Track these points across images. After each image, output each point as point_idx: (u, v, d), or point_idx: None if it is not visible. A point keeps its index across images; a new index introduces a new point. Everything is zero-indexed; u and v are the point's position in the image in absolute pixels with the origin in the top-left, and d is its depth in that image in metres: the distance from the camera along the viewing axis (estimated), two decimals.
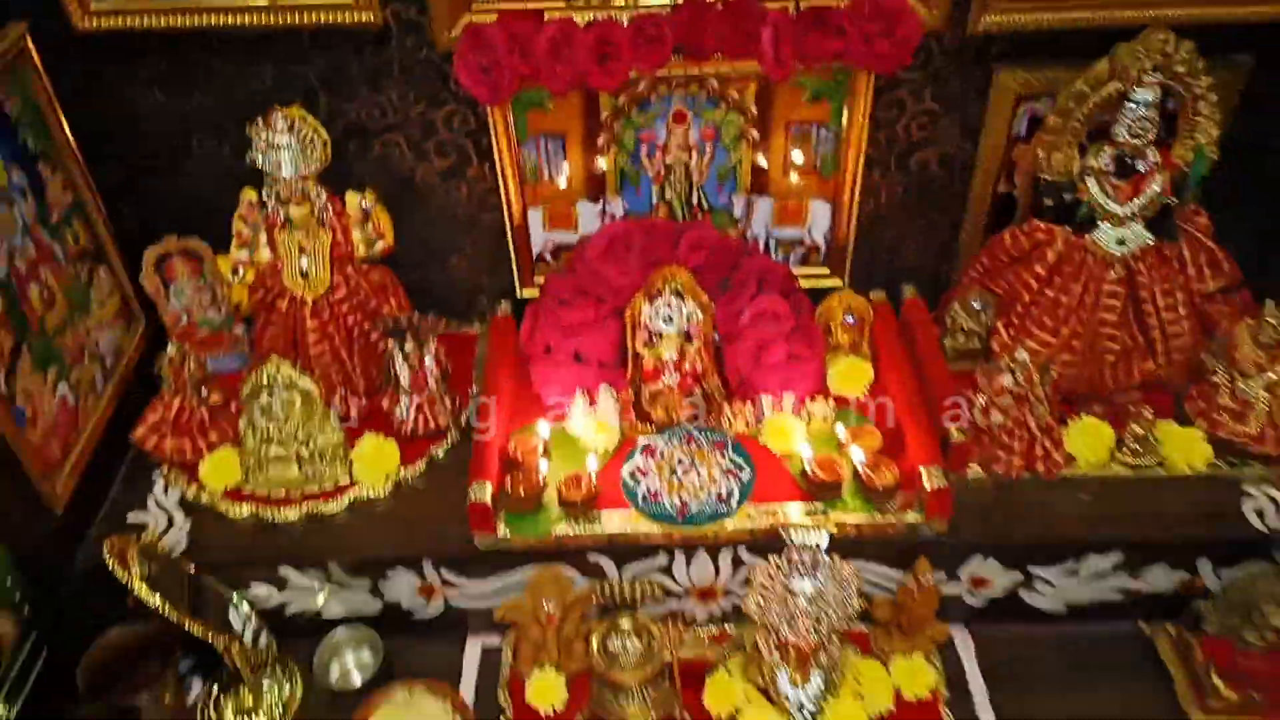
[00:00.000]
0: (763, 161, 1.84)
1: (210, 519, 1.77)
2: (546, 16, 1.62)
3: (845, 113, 1.76)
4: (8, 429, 1.50)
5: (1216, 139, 1.65)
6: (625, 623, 1.61)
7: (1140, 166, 1.67)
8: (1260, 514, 1.68)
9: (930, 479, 1.62)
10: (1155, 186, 1.68)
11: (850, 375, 1.85)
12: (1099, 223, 1.71)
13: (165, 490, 1.81)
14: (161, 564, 1.63)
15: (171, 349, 1.81)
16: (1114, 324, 1.73)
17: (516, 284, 1.97)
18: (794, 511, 1.66)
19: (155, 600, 1.52)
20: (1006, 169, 1.83)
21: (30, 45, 1.60)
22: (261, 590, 1.75)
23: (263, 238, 1.78)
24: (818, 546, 1.47)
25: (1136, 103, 1.60)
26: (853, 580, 1.53)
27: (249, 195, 1.76)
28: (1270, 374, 1.67)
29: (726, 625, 1.80)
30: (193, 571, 1.68)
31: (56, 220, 1.67)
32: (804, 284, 1.91)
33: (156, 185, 1.85)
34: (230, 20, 1.66)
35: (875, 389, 1.86)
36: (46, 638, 1.63)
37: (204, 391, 1.84)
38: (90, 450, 1.75)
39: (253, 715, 1.75)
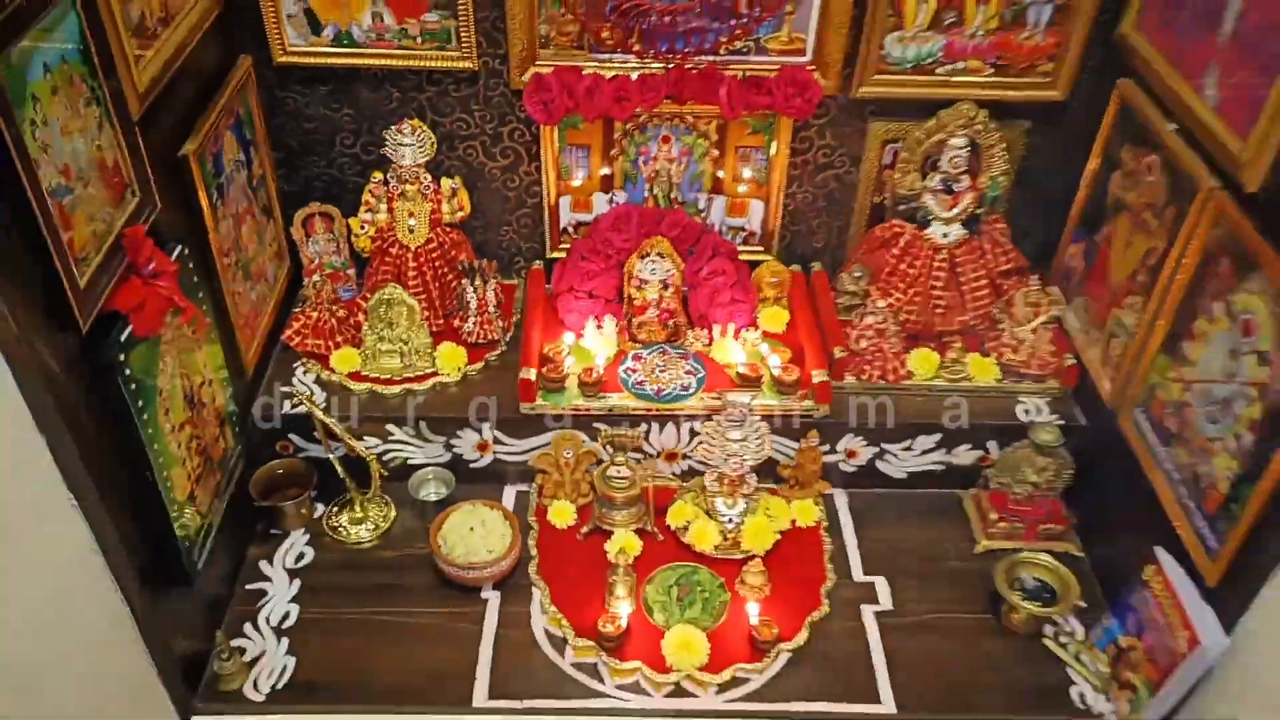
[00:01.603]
0: (720, 173, 2.74)
1: (338, 392, 2.60)
2: (585, 70, 2.51)
3: (774, 143, 2.67)
4: (232, 314, 2.34)
5: (1005, 172, 2.59)
6: (619, 459, 2.48)
7: (957, 187, 2.58)
8: (1026, 412, 2.59)
9: (818, 378, 2.52)
10: (967, 200, 2.60)
11: (773, 317, 2.74)
12: (932, 223, 2.64)
13: (304, 373, 2.65)
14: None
15: (317, 278, 2.67)
16: (940, 288, 2.63)
17: (548, 247, 2.85)
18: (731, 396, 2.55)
19: (332, 424, 2.35)
20: (878, 186, 2.76)
21: (251, 71, 2.46)
22: (371, 440, 2.58)
23: (383, 205, 2.62)
24: (745, 405, 2.36)
25: (953, 147, 2.54)
26: (765, 432, 2.42)
27: (377, 175, 2.61)
28: (1034, 323, 2.59)
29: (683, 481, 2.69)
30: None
31: (255, 185, 2.52)
32: (744, 256, 2.79)
33: (311, 166, 2.68)
34: (373, 62, 2.51)
35: (789, 326, 2.75)
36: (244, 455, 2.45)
37: (335, 309, 2.69)
38: (261, 342, 2.59)
39: (362, 523, 2.59)
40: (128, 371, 1.75)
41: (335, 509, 2.58)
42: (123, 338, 1.74)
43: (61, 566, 1.71)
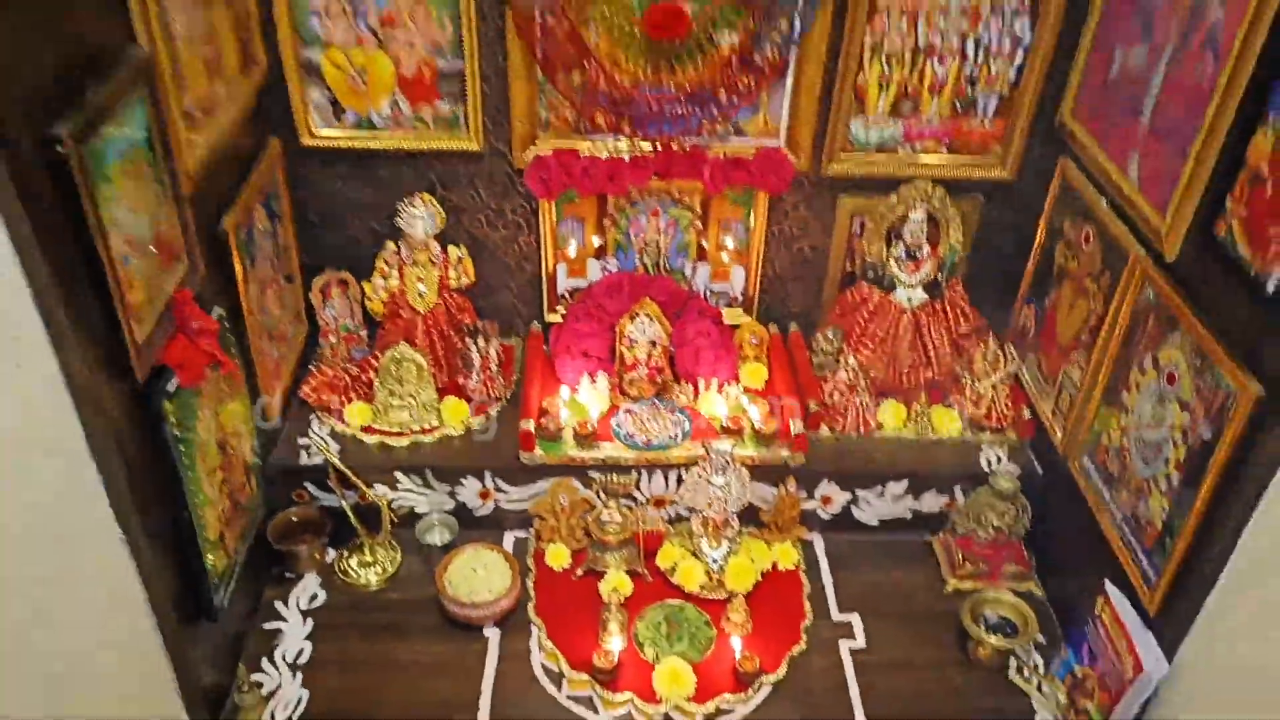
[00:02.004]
0: (704, 242, 3.00)
1: (350, 444, 2.80)
2: (581, 151, 2.77)
3: (753, 216, 2.93)
4: (258, 370, 2.55)
5: (961, 242, 2.86)
6: (611, 504, 2.67)
7: (919, 255, 2.85)
8: (987, 461, 2.80)
9: (795, 428, 2.74)
10: (928, 267, 2.86)
11: (753, 374, 2.96)
12: (897, 287, 2.89)
13: (320, 425, 2.85)
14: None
15: (333, 339, 2.89)
16: (906, 348, 2.88)
17: (545, 311, 3.08)
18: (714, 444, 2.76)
19: (346, 471, 2.55)
20: (848, 254, 3.02)
21: (281, 152, 2.72)
22: (380, 489, 2.77)
23: (395, 272, 2.86)
24: (727, 453, 2.57)
25: (913, 219, 2.80)
26: (746, 478, 2.62)
27: (390, 245, 2.85)
28: (991, 379, 2.83)
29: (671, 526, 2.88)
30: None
31: (280, 253, 2.75)
32: (727, 318, 3.04)
33: (330, 236, 2.93)
34: (389, 145, 2.77)
35: (768, 383, 2.98)
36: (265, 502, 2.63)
37: (348, 367, 2.91)
38: (282, 398, 2.79)
39: (372, 566, 2.76)
40: (173, 418, 1.96)
41: (346, 553, 2.76)
42: (170, 388, 1.94)
43: (106, 597, 1.89)
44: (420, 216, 2.76)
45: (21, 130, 1.52)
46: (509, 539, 2.83)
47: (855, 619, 2.65)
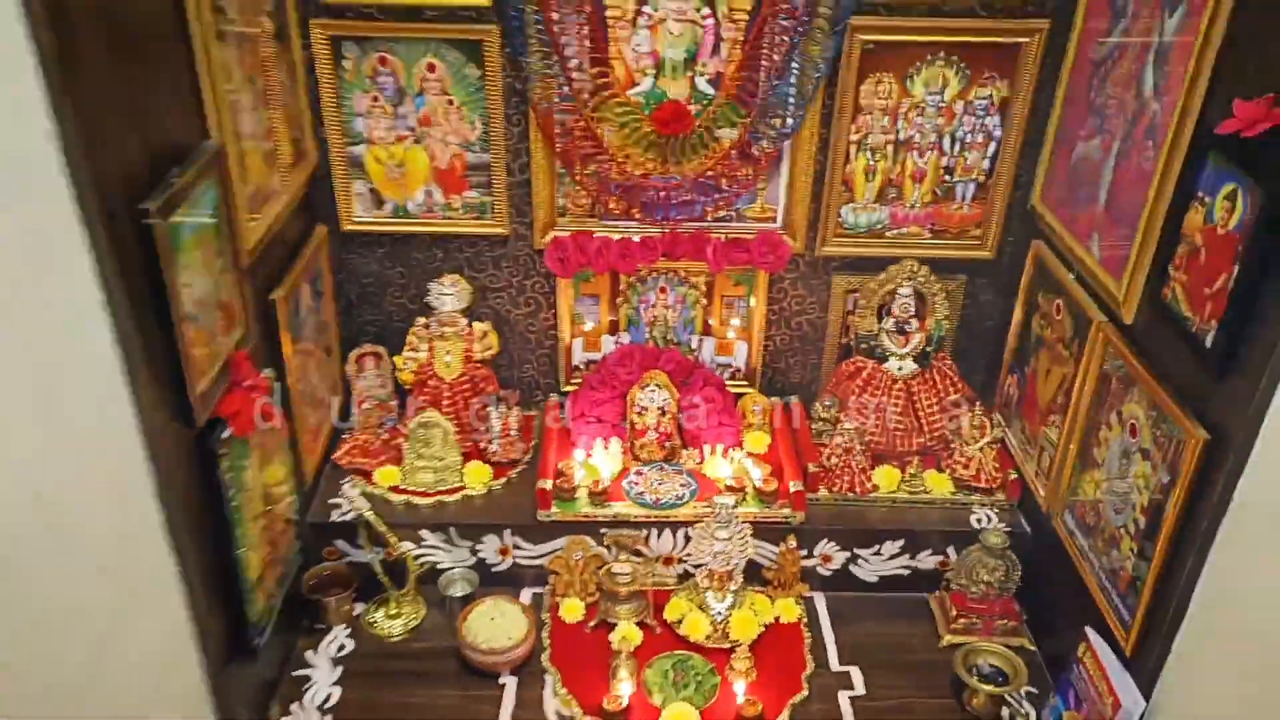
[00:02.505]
0: (709, 319, 3.25)
1: (380, 503, 3.00)
2: (595, 234, 3.06)
3: (753, 294, 3.19)
4: (300, 433, 2.78)
5: (947, 316, 3.09)
6: (622, 558, 2.85)
7: (908, 329, 3.08)
8: (978, 521, 2.96)
9: (794, 487, 2.92)
10: (917, 340, 3.08)
11: (756, 440, 3.16)
12: (889, 359, 3.11)
13: (351, 486, 3.06)
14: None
15: (366, 406, 3.13)
16: (898, 414, 3.09)
17: (562, 381, 3.32)
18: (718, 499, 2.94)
19: (380, 526, 2.75)
20: (843, 329, 3.25)
21: (325, 236, 3.02)
22: (406, 545, 2.96)
23: (424, 345, 3.12)
24: (730, 507, 2.75)
25: (901, 296, 3.04)
26: (748, 532, 2.79)
27: (421, 320, 3.12)
28: (979, 443, 3.01)
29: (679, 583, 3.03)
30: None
31: (321, 328, 3.02)
32: (731, 389, 3.27)
33: (366, 313, 3.21)
34: (422, 230, 3.07)
35: (770, 448, 3.17)
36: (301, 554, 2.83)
37: (379, 433, 3.14)
38: (318, 461, 3.02)
39: (397, 619, 2.92)
40: (225, 464, 2.18)
41: (373, 606, 2.93)
42: (224, 435, 2.17)
43: (159, 632, 2.08)
44: (449, 294, 3.03)
45: (119, 205, 1.79)
46: (526, 595, 2.99)
47: (854, 670, 2.78)
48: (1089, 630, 2.44)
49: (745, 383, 3.31)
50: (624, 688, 2.61)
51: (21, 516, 1.59)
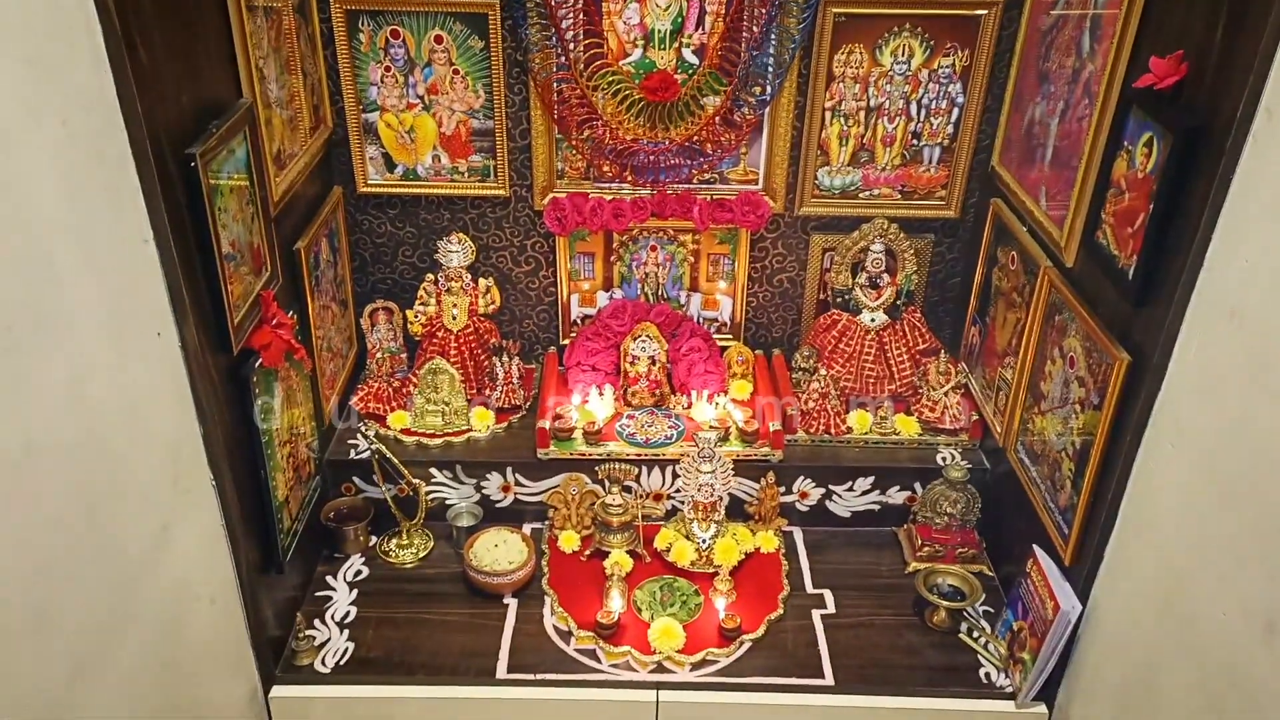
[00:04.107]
0: (696, 275, 3.51)
1: (391, 444, 3.26)
2: (590, 195, 3.31)
3: (737, 252, 3.44)
4: (320, 374, 3.04)
5: (916, 271, 3.34)
6: (614, 490, 3.10)
7: (880, 284, 3.33)
8: (942, 459, 3.20)
9: (774, 427, 3.18)
10: (888, 294, 3.33)
11: (739, 388, 3.41)
12: (862, 311, 3.37)
13: (367, 428, 3.31)
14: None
15: (379, 356, 3.39)
16: (871, 363, 3.34)
17: (560, 335, 3.58)
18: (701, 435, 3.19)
19: (391, 456, 3.01)
20: (821, 285, 3.50)
21: (341, 197, 3.27)
22: (416, 482, 3.22)
23: (433, 299, 3.38)
24: (713, 441, 3.00)
25: (873, 252, 3.29)
26: (729, 466, 3.04)
27: (430, 276, 3.38)
28: (944, 388, 3.26)
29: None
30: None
31: (337, 282, 3.28)
32: (717, 342, 3.53)
33: (378, 270, 3.47)
34: (431, 191, 3.33)
35: (752, 396, 3.43)
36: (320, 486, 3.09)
37: (391, 381, 3.40)
38: (335, 406, 3.28)
39: (408, 549, 3.18)
40: (257, 390, 2.44)
41: (387, 537, 3.20)
42: (257, 364, 2.43)
43: (197, 541, 2.33)
44: (455, 251, 3.29)
45: (167, 150, 2.05)
46: (527, 529, 3.25)
47: (827, 593, 3.03)
48: (1036, 548, 2.69)
49: (730, 336, 3.56)
50: (615, 604, 2.87)
51: (88, 422, 1.84)
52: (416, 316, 3.39)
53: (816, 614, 2.95)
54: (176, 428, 2.21)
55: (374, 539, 3.21)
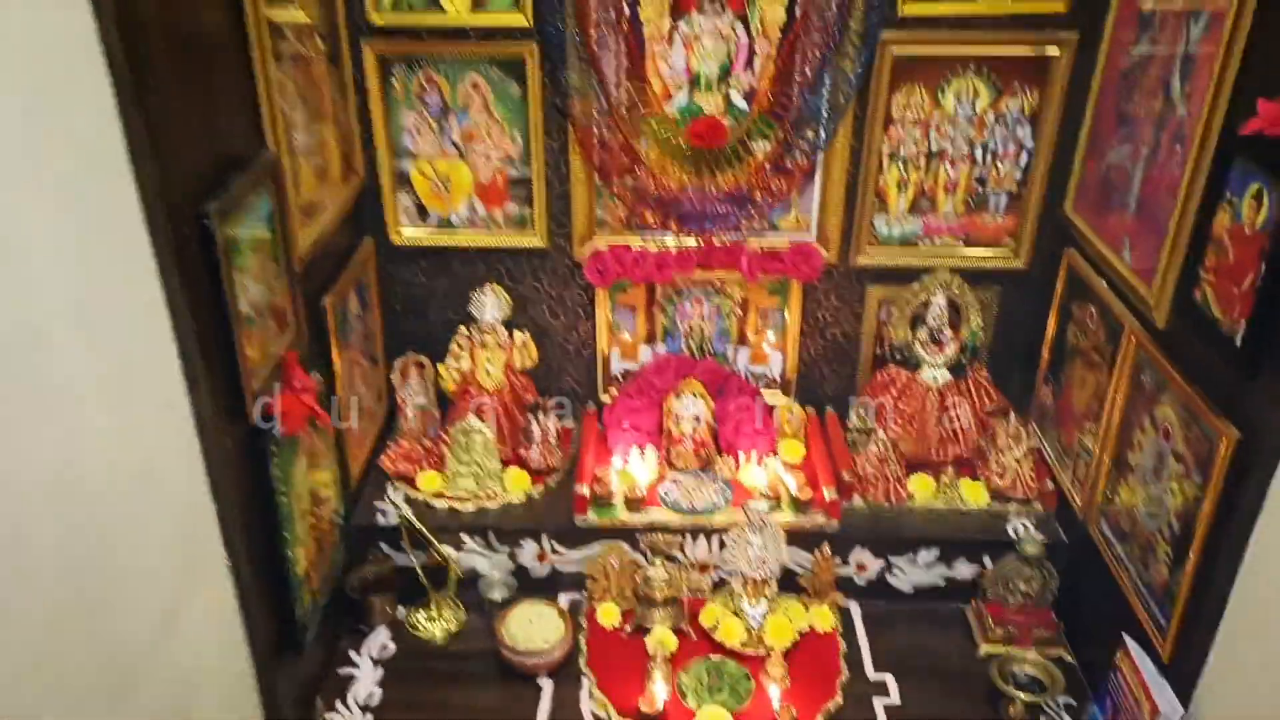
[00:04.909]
0: (744, 328, 3.31)
1: (422, 508, 3.08)
2: (632, 246, 3.13)
3: (788, 303, 3.23)
4: (347, 433, 2.88)
5: (981, 326, 3.11)
6: (658, 563, 2.89)
7: (943, 339, 3.11)
8: (1014, 531, 2.95)
9: (829, 495, 2.95)
10: (952, 350, 3.10)
11: (790, 449, 3.19)
12: (924, 368, 3.13)
13: (395, 491, 3.14)
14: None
15: (409, 414, 3.22)
16: (933, 424, 3.10)
17: (599, 391, 3.39)
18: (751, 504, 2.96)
19: (421, 528, 2.83)
20: (877, 339, 3.28)
21: (373, 249, 3.13)
22: (447, 550, 3.03)
23: (466, 354, 3.21)
24: (763, 513, 2.78)
25: (935, 305, 3.07)
26: (782, 537, 2.82)
27: (463, 330, 3.21)
28: (1014, 454, 3.01)
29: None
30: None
31: (367, 337, 3.13)
32: (766, 400, 3.32)
33: (409, 323, 3.31)
34: (465, 243, 3.17)
35: (805, 458, 3.21)
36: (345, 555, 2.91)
37: (423, 440, 3.23)
38: (363, 466, 3.11)
39: (437, 621, 2.99)
40: (276, 459, 2.27)
41: (415, 609, 3.00)
42: (276, 432, 2.27)
43: (210, 623, 2.16)
44: (490, 304, 3.12)
45: (182, 209, 1.90)
46: (564, 599, 3.04)
47: (889, 678, 2.78)
48: (1126, 638, 2.43)
49: (780, 393, 3.34)
50: (659, 690, 2.64)
51: (86, 504, 1.68)
52: (449, 372, 3.22)
53: (879, 703, 2.70)
54: (188, 506, 2.05)
55: (402, 610, 3.02)
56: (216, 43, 2.10)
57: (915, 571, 3.00)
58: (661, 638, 2.79)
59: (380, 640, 2.92)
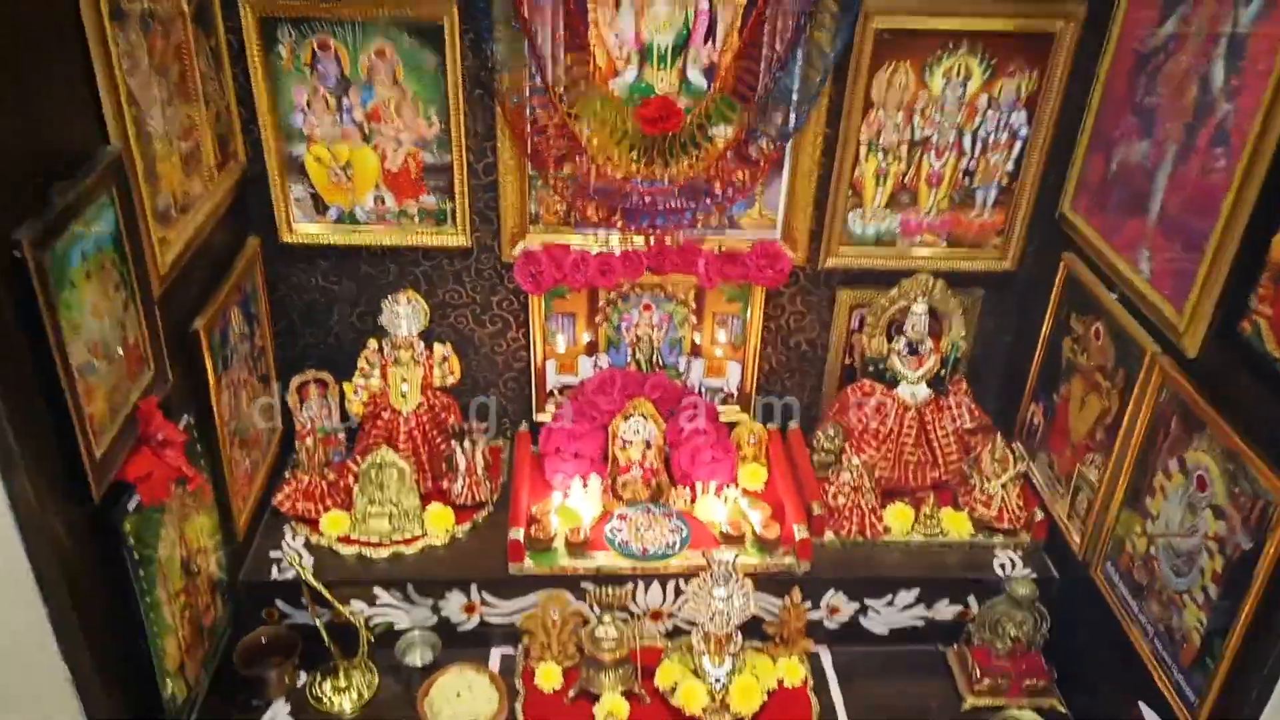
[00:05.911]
0: (698, 337, 2.90)
1: (327, 555, 2.62)
2: (571, 244, 2.69)
3: (749, 309, 2.84)
4: (228, 481, 2.39)
5: (963, 336, 2.78)
6: (606, 619, 2.50)
7: (921, 350, 2.77)
8: (1001, 566, 2.67)
9: (799, 534, 2.59)
10: (931, 362, 2.77)
11: (752, 474, 2.83)
12: (900, 383, 2.79)
13: (294, 536, 2.67)
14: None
15: (309, 442, 2.73)
16: (911, 446, 2.78)
17: (534, 410, 2.95)
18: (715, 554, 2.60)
19: (319, 588, 2.37)
20: (848, 349, 2.93)
21: (259, 250, 2.61)
22: (358, 604, 2.59)
23: (377, 371, 2.73)
24: (729, 563, 2.41)
25: (914, 313, 2.72)
26: (750, 590, 2.46)
27: (373, 343, 2.73)
28: (1002, 479, 2.71)
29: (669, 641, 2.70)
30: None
31: (256, 355, 2.62)
32: (723, 417, 2.93)
33: (309, 335, 2.80)
34: (372, 241, 2.68)
35: (768, 484, 2.85)
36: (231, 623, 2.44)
37: (326, 472, 2.75)
38: (253, 508, 2.63)
39: (346, 692, 2.55)
40: (131, 541, 1.79)
41: (319, 676, 2.55)
42: (130, 506, 1.78)
43: None
44: (404, 314, 2.65)
45: None
46: (495, 655, 2.64)
47: None
48: (1143, 706, 2.15)
49: (738, 408, 2.97)
50: None
51: None
52: (357, 392, 2.75)
53: None
54: (10, 618, 1.56)
55: (302, 677, 2.56)
56: (29, 3, 1.57)
57: (892, 614, 2.68)
58: (611, 707, 2.42)
59: (278, 716, 2.47)
